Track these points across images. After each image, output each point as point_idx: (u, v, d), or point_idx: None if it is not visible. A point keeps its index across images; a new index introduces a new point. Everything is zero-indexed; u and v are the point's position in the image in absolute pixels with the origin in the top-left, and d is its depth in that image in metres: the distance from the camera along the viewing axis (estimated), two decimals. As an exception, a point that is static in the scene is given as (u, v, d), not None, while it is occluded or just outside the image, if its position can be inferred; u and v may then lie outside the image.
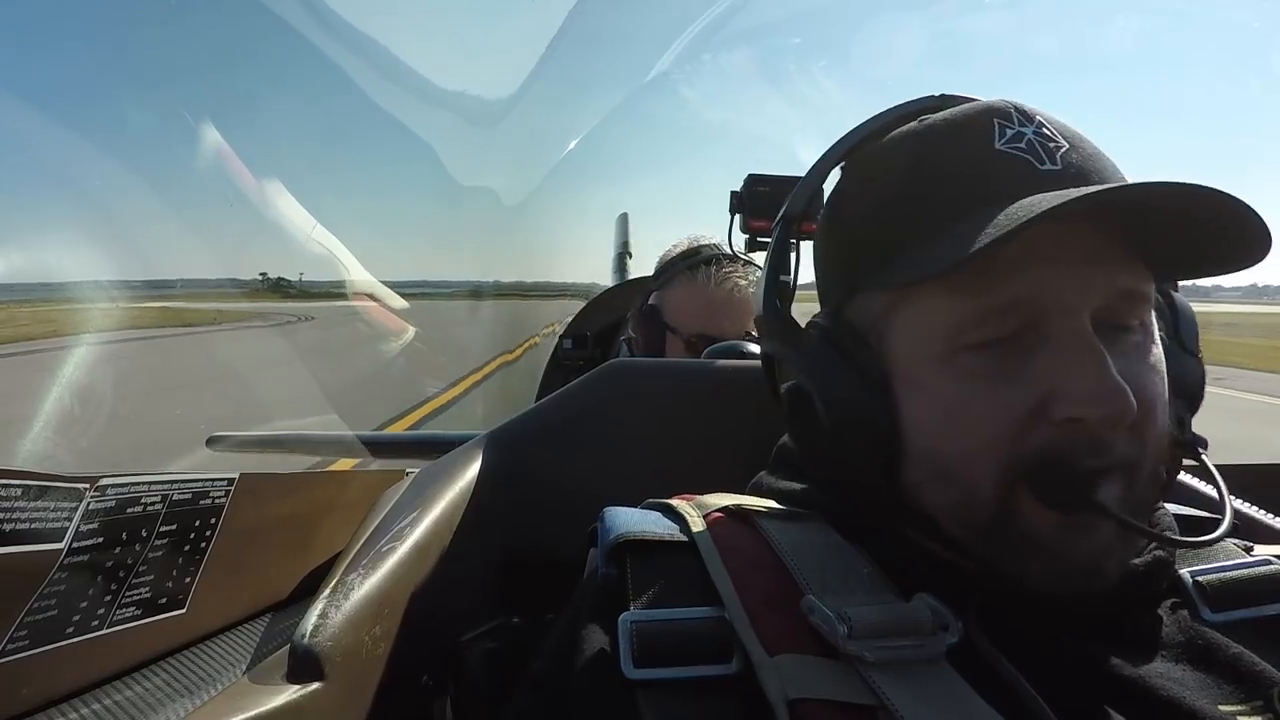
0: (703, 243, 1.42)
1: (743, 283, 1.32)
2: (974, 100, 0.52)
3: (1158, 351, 0.48)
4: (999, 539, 0.46)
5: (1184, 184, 0.41)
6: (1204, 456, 0.52)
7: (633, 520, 0.53)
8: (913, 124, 0.52)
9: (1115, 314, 0.46)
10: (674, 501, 0.56)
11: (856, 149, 0.56)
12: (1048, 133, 0.47)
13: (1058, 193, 0.43)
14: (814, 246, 0.58)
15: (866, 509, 0.51)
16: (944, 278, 0.45)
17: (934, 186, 0.48)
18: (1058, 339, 0.44)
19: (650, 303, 1.38)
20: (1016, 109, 0.48)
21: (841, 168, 0.57)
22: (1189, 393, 0.52)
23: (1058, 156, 0.46)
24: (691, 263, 1.36)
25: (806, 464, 0.57)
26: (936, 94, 0.55)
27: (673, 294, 1.35)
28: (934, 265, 0.44)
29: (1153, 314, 0.49)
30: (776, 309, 0.57)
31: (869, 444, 0.48)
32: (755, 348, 1.04)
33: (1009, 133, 0.47)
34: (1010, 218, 0.42)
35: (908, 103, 0.55)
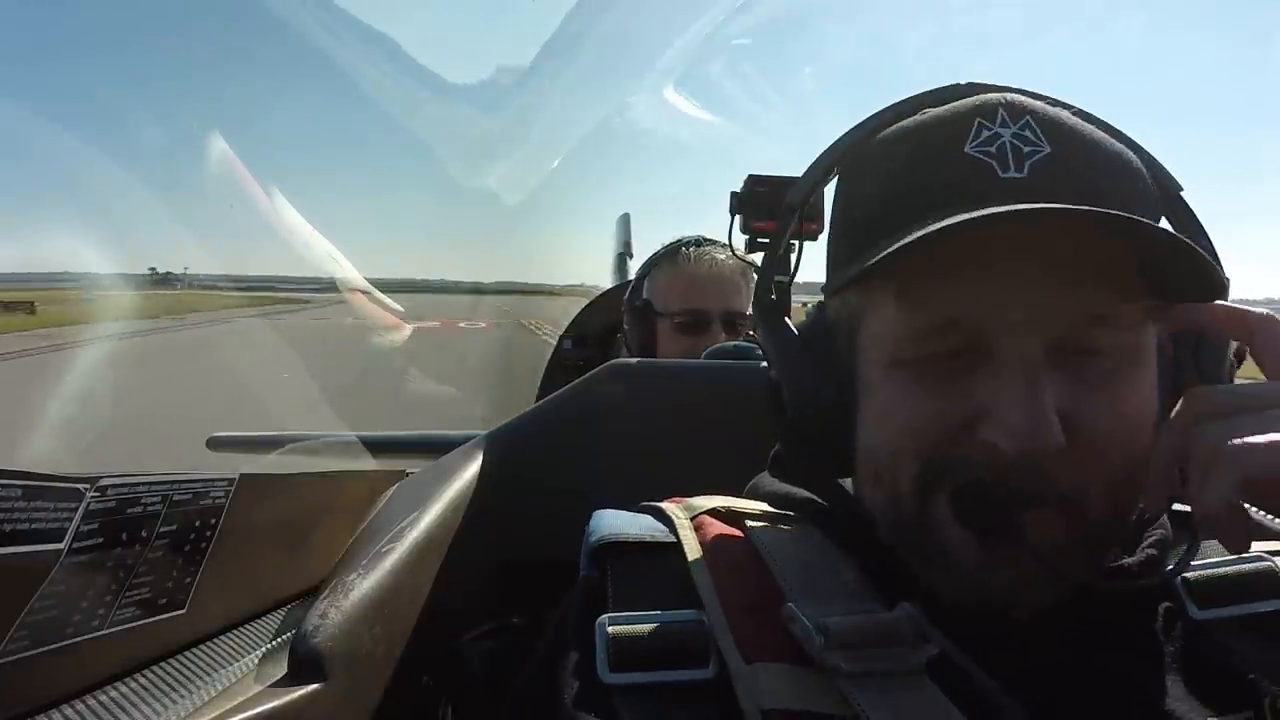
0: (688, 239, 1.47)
1: (720, 256, 1.37)
2: (988, 92, 0.49)
3: (1136, 380, 0.45)
4: (917, 546, 0.46)
5: (1106, 215, 0.39)
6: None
7: (617, 522, 0.53)
8: (906, 120, 0.50)
9: (1080, 338, 0.43)
10: (663, 504, 0.56)
11: (860, 142, 0.54)
12: (1030, 135, 0.44)
13: (977, 214, 0.40)
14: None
15: (831, 510, 0.52)
16: (897, 287, 0.45)
17: (897, 190, 0.47)
18: (999, 359, 0.43)
19: (643, 296, 1.43)
20: (1006, 105, 0.45)
21: (840, 165, 0.56)
22: None
23: (1027, 164, 0.43)
24: (671, 248, 1.44)
25: (785, 459, 0.58)
26: (964, 82, 0.52)
27: (657, 280, 1.42)
28: (847, 277, 0.45)
29: (1146, 337, 0.45)
30: (768, 302, 0.57)
31: (822, 438, 0.50)
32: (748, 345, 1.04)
33: (985, 134, 0.44)
34: (925, 234, 0.40)
35: (925, 92, 0.53)
